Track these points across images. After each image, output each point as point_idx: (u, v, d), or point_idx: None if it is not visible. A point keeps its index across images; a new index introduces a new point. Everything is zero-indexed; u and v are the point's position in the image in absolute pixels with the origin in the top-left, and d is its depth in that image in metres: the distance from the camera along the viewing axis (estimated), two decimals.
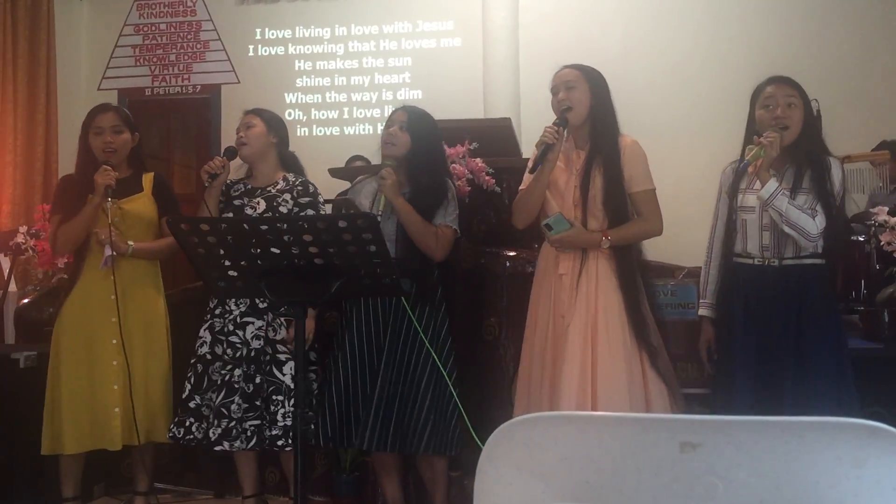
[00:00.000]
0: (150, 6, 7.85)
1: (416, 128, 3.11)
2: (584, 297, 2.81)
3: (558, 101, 2.91)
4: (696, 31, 6.87)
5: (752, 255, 2.81)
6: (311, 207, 3.22)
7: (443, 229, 3.07)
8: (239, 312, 3.18)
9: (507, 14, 6.93)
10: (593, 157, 2.90)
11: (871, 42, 6.60)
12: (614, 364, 2.75)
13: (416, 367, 2.99)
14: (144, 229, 3.33)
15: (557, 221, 2.81)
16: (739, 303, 2.81)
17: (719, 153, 3.12)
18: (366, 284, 2.37)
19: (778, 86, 2.80)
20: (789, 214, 2.67)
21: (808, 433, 0.98)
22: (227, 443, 3.12)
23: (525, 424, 1.06)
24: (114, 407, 3.19)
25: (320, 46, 7.63)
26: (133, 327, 3.25)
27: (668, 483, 1.01)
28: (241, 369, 3.14)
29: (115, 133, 3.30)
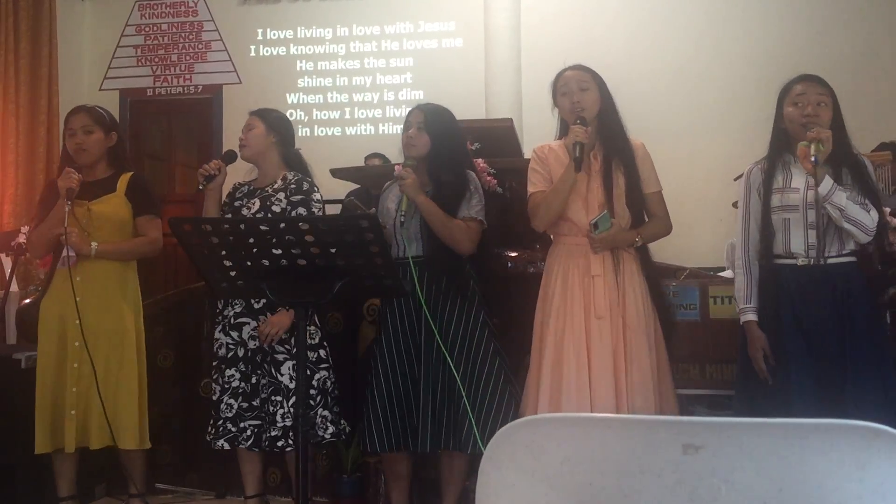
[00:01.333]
0: (152, 7, 7.86)
1: (433, 126, 3.10)
2: (613, 298, 2.83)
3: (572, 102, 2.91)
4: (699, 33, 6.88)
5: (796, 254, 2.75)
6: (301, 205, 3.18)
7: (467, 222, 3.06)
8: (233, 313, 3.18)
9: (508, 15, 6.93)
10: (611, 158, 2.91)
11: (872, 44, 6.61)
12: (643, 364, 2.78)
13: (455, 363, 2.97)
14: (114, 230, 3.29)
15: (603, 220, 2.82)
16: (787, 305, 2.73)
17: (722, 155, 3.13)
18: (367, 285, 2.37)
19: (809, 84, 2.78)
20: (849, 209, 2.64)
21: (810, 435, 0.98)
22: (214, 441, 3.15)
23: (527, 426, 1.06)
24: (70, 409, 3.16)
25: (322, 47, 7.64)
26: (97, 329, 3.20)
27: (671, 485, 1.01)
28: (233, 369, 3.15)
29: (86, 133, 3.29)
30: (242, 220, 2.91)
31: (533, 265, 3.38)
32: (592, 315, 2.81)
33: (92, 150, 3.30)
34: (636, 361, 2.78)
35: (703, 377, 3.14)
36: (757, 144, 2.94)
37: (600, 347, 2.78)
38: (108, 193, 3.30)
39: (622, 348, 2.78)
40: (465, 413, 2.93)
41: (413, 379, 3.02)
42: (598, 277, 2.84)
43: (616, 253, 2.87)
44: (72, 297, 3.14)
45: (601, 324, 2.80)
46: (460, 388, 2.94)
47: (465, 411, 2.93)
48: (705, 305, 3.16)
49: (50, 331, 3.25)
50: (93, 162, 3.32)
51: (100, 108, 3.46)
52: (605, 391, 2.74)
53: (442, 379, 2.98)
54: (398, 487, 3.19)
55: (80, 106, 3.44)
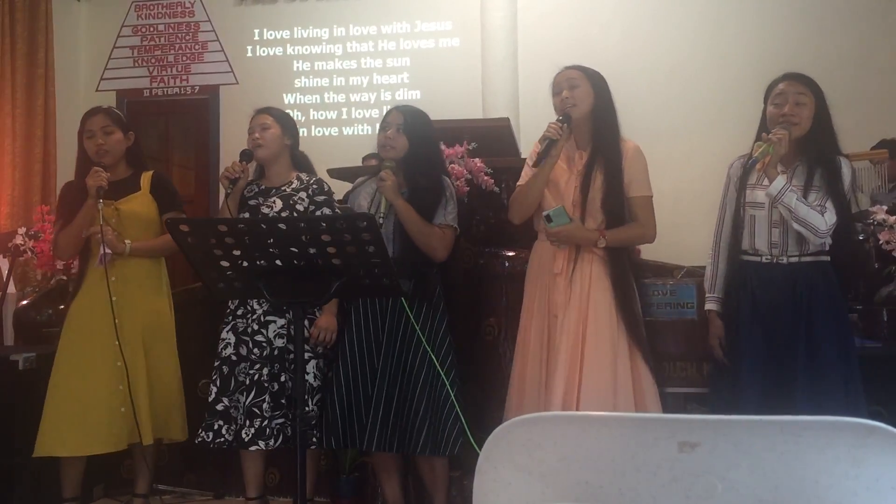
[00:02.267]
0: (149, 7, 7.85)
1: (412, 129, 3.11)
2: (577, 297, 2.83)
3: (561, 98, 2.91)
4: (696, 32, 6.88)
5: (761, 252, 2.80)
6: (326, 206, 3.24)
7: (444, 229, 3.07)
8: (262, 311, 3.18)
9: (505, 14, 6.93)
10: (595, 158, 2.91)
11: (870, 41, 6.61)
12: (600, 364, 2.76)
13: (413, 367, 2.99)
14: (143, 228, 3.33)
15: (558, 214, 2.81)
16: (747, 300, 2.80)
17: (718, 153, 3.13)
18: (365, 285, 2.37)
19: (790, 83, 2.80)
20: (798, 211, 2.67)
21: (806, 432, 0.98)
22: (262, 442, 3.11)
23: (524, 424, 1.06)
24: (119, 407, 3.19)
25: (319, 47, 7.63)
26: (136, 326, 3.26)
27: (667, 482, 1.01)
28: (268, 368, 3.15)
29: (106, 134, 3.31)
30: (240, 221, 2.91)
31: None
32: (552, 313, 2.84)
33: (114, 151, 3.34)
34: (592, 363, 2.75)
35: (700, 375, 3.15)
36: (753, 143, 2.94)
37: (556, 346, 2.79)
38: (133, 192, 3.35)
39: (580, 347, 2.77)
40: (415, 417, 2.96)
41: (372, 379, 3.04)
42: (558, 276, 2.86)
43: (577, 252, 2.86)
44: (106, 298, 3.16)
45: (559, 322, 2.81)
46: (421, 390, 2.97)
47: (423, 414, 2.96)
48: (702, 304, 3.16)
49: (82, 332, 3.26)
50: (114, 162, 3.35)
51: (114, 108, 3.49)
52: (559, 389, 2.74)
53: (399, 382, 3.00)
54: (390, 483, 3.21)
55: (96, 107, 3.46)
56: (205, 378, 3.47)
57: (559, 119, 2.87)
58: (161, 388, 3.30)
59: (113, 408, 3.19)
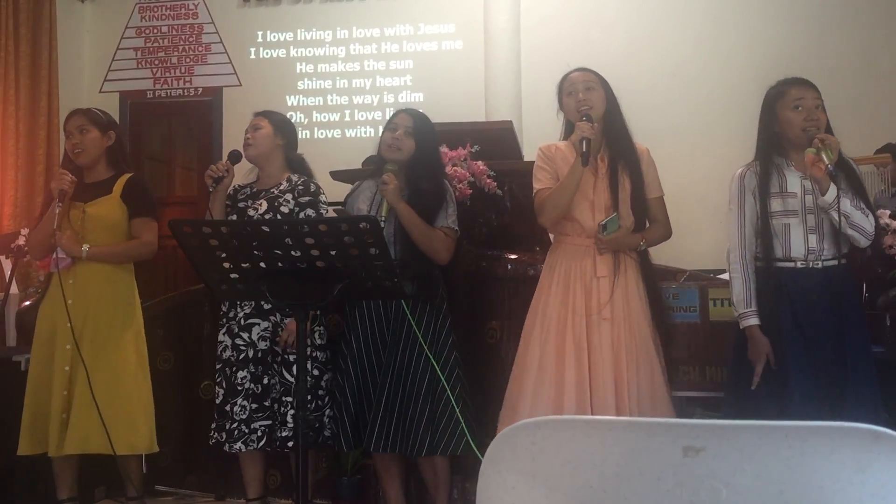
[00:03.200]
0: (152, 9, 7.86)
1: (420, 133, 3.12)
2: (621, 299, 2.84)
3: (577, 101, 2.90)
4: (698, 35, 6.88)
5: (796, 258, 2.75)
6: (310, 207, 3.21)
7: (446, 231, 3.08)
8: (243, 314, 3.18)
9: (508, 17, 6.93)
10: (617, 161, 2.92)
11: (873, 45, 6.61)
12: (646, 368, 2.79)
13: (415, 368, 3.00)
14: (107, 232, 3.27)
15: (612, 222, 2.84)
16: (786, 307, 2.73)
17: (721, 156, 3.12)
18: (367, 287, 2.37)
19: (804, 88, 2.79)
20: (853, 216, 2.65)
21: (811, 438, 0.98)
22: (229, 444, 3.13)
23: (528, 428, 1.06)
24: (60, 413, 3.13)
25: (322, 49, 7.64)
26: (92, 332, 3.19)
27: (672, 487, 1.00)
28: (245, 371, 3.14)
29: (81, 133, 3.28)
30: (243, 223, 2.91)
31: (532, 267, 3.38)
32: (595, 316, 2.82)
33: (89, 150, 3.30)
34: (640, 364, 2.79)
35: (703, 379, 3.14)
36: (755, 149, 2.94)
37: (601, 349, 2.78)
38: (104, 195, 3.29)
39: (623, 352, 2.78)
40: (429, 416, 2.96)
41: (375, 381, 3.04)
42: (603, 279, 2.85)
43: (618, 256, 2.87)
44: (62, 301, 3.13)
45: (603, 325, 2.81)
46: (426, 391, 2.97)
47: (429, 415, 2.96)
48: (705, 307, 3.16)
49: (43, 334, 3.25)
50: (92, 162, 3.32)
51: (97, 109, 3.45)
52: (606, 393, 2.74)
53: (405, 381, 3.00)
54: (392, 485, 3.22)
55: (75, 109, 3.44)
56: (206, 380, 3.48)
57: (583, 118, 2.85)
58: (114, 399, 3.16)
59: (56, 412, 3.13)
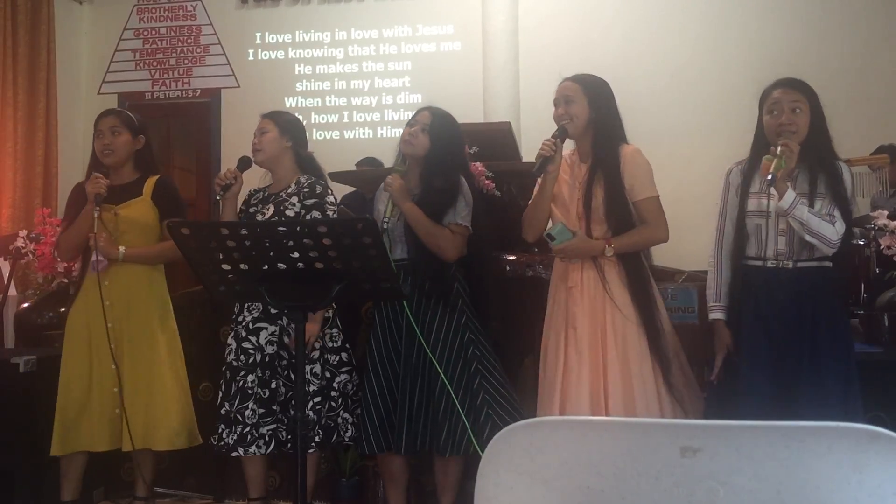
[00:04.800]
0: (151, 10, 7.86)
1: (437, 131, 3.11)
2: (590, 308, 2.81)
3: (558, 115, 2.93)
4: (697, 36, 6.89)
5: (767, 258, 2.77)
6: (316, 209, 3.20)
7: (453, 228, 3.06)
8: (251, 318, 3.18)
9: (506, 18, 6.94)
10: (595, 169, 2.90)
11: (871, 46, 6.62)
12: (625, 376, 2.76)
13: (427, 368, 2.99)
14: (140, 234, 3.32)
15: (559, 231, 2.80)
16: (750, 304, 2.77)
17: (720, 157, 3.12)
18: (366, 289, 2.37)
19: (784, 90, 2.77)
20: (810, 223, 2.64)
21: (808, 438, 0.98)
22: (242, 448, 3.12)
23: (526, 429, 1.06)
24: (114, 409, 3.21)
25: (320, 50, 7.64)
26: (129, 332, 3.25)
27: (669, 487, 1.01)
28: (254, 375, 3.14)
29: (113, 134, 3.32)
30: (240, 224, 2.91)
31: (531, 268, 3.38)
32: (571, 326, 2.83)
33: (119, 152, 3.34)
34: (613, 376, 2.75)
35: (701, 380, 3.14)
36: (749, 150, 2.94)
37: (577, 359, 2.79)
38: (134, 197, 3.34)
39: (600, 360, 2.77)
40: (443, 416, 2.96)
41: (399, 382, 3.04)
42: (573, 288, 2.85)
43: (598, 263, 2.85)
44: (100, 303, 3.19)
45: (577, 335, 2.81)
46: (439, 391, 2.96)
47: (442, 415, 2.96)
48: (703, 308, 3.15)
49: (78, 337, 3.28)
50: (119, 163, 3.36)
51: (129, 112, 3.50)
52: (581, 401, 2.73)
53: (421, 382, 3.00)
54: (395, 489, 3.21)
55: (109, 109, 3.50)
56: (205, 381, 3.48)
57: (553, 135, 2.87)
58: (153, 395, 3.25)
59: (109, 409, 3.22)
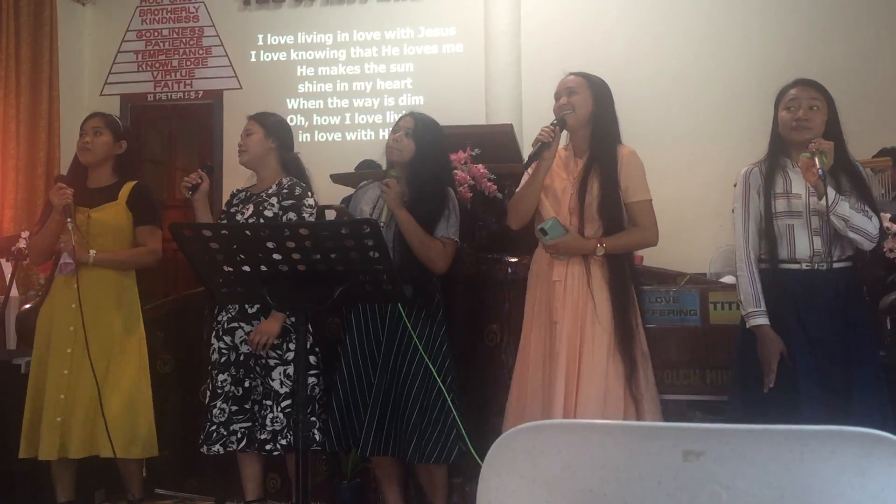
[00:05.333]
0: (153, 12, 7.87)
1: (421, 135, 3.11)
2: (573, 304, 2.82)
3: (559, 105, 2.92)
4: (699, 39, 6.89)
5: (801, 260, 2.74)
6: (292, 210, 3.18)
7: (445, 242, 3.06)
8: (227, 318, 3.19)
9: (508, 20, 6.94)
10: (591, 164, 2.90)
11: (873, 49, 6.62)
12: (595, 372, 2.76)
13: (409, 373, 2.99)
14: (112, 238, 3.29)
15: (552, 227, 2.79)
16: (790, 309, 2.72)
17: (722, 160, 3.12)
18: (367, 291, 2.37)
19: (802, 88, 2.79)
20: (854, 219, 2.64)
21: (811, 442, 0.98)
22: (207, 446, 3.15)
23: (528, 432, 1.06)
24: (56, 416, 3.15)
25: (322, 52, 7.65)
26: (93, 338, 3.17)
27: (672, 491, 1.00)
28: (226, 374, 3.16)
29: (94, 134, 3.32)
30: (243, 226, 2.91)
31: None
32: (552, 320, 2.83)
33: (96, 151, 3.33)
34: (587, 370, 2.76)
35: (704, 383, 3.14)
36: (757, 150, 2.94)
37: (556, 353, 2.79)
38: (109, 201, 3.32)
39: (576, 355, 2.78)
40: (408, 423, 2.96)
41: (370, 384, 3.05)
42: (558, 283, 2.85)
43: (585, 260, 2.85)
44: (65, 305, 3.19)
45: (559, 329, 2.81)
46: (413, 397, 2.97)
47: (412, 422, 2.96)
48: (705, 311, 3.15)
49: (42, 337, 3.28)
50: (96, 163, 3.35)
51: (116, 117, 3.49)
52: (555, 398, 2.74)
53: (395, 387, 3.00)
54: (391, 490, 3.22)
55: (96, 112, 3.49)
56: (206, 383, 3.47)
57: (553, 122, 2.87)
58: (113, 402, 3.19)
59: (52, 416, 3.15)
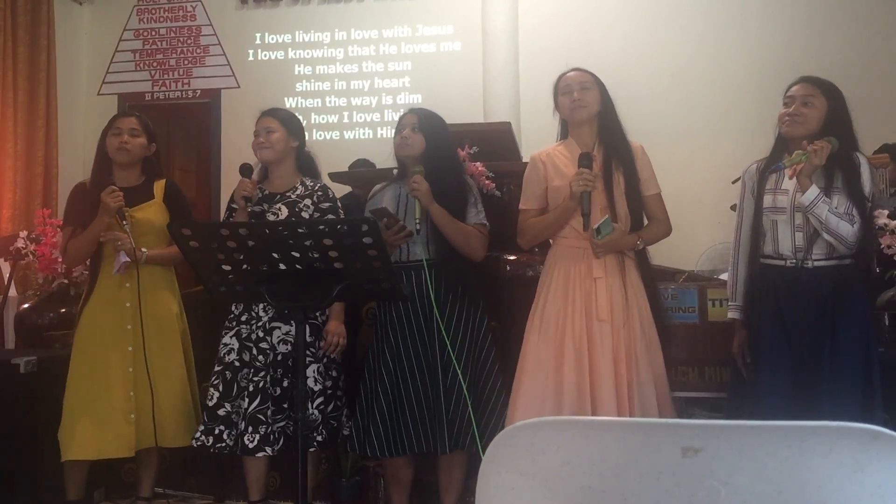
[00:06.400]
0: (151, 11, 7.87)
1: (427, 128, 3.13)
2: (615, 301, 2.81)
3: (572, 99, 2.91)
4: (698, 37, 6.89)
5: (784, 256, 2.78)
6: (331, 213, 3.24)
7: (480, 228, 3.09)
8: (267, 318, 3.18)
9: (506, 18, 6.94)
10: (610, 160, 2.90)
11: (872, 47, 6.62)
12: (645, 369, 2.78)
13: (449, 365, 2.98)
14: (156, 236, 3.34)
15: (605, 225, 2.77)
16: (769, 305, 2.77)
17: (720, 158, 3.13)
18: (366, 289, 2.37)
19: (801, 85, 2.82)
20: (829, 222, 2.65)
21: (809, 438, 0.98)
22: (269, 448, 3.10)
23: (527, 429, 1.06)
24: (130, 413, 3.21)
25: (320, 51, 7.64)
26: (149, 334, 3.25)
27: (670, 488, 1.01)
28: (270, 374, 3.15)
29: (132, 136, 3.35)
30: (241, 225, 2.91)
31: (531, 268, 3.38)
32: (594, 318, 2.80)
33: (133, 153, 3.36)
34: (640, 366, 2.77)
35: (702, 380, 3.15)
36: (755, 147, 2.95)
37: (602, 351, 2.77)
38: (146, 200, 3.37)
39: (623, 353, 2.77)
40: (469, 416, 2.94)
41: (416, 382, 3.03)
42: (600, 280, 2.82)
43: (620, 256, 2.86)
44: (118, 304, 3.25)
45: (602, 327, 2.79)
46: (465, 391, 2.94)
47: (469, 414, 2.94)
48: (704, 308, 3.16)
49: (95, 337, 3.27)
50: (130, 164, 3.38)
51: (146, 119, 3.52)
52: (607, 395, 2.73)
53: (445, 382, 2.99)
54: (398, 491, 3.20)
55: (130, 111, 3.56)
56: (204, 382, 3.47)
57: (582, 164, 2.79)
58: (170, 394, 3.30)
59: (124, 413, 3.21)
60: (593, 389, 2.74)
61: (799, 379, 2.66)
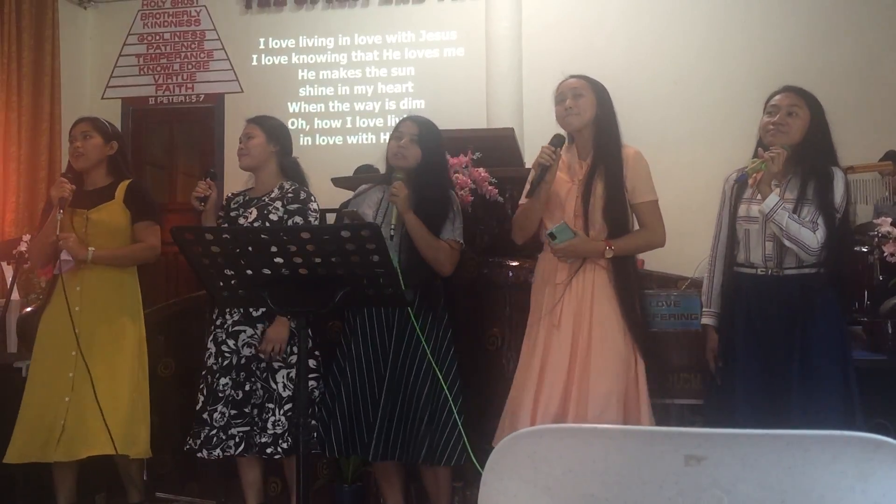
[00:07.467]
0: (155, 15, 7.88)
1: (426, 141, 3.12)
2: (578, 308, 2.80)
3: (565, 108, 2.91)
4: (700, 43, 6.89)
5: (755, 264, 2.81)
6: (298, 214, 3.21)
7: (451, 244, 3.08)
8: (232, 321, 3.19)
9: (510, 24, 6.94)
10: (596, 167, 2.90)
11: (876, 53, 6.61)
12: (607, 376, 2.73)
13: (417, 377, 3.00)
14: (110, 237, 3.31)
15: (561, 230, 2.79)
16: (741, 312, 2.80)
17: (723, 164, 3.12)
18: (369, 294, 2.37)
19: (785, 95, 2.83)
20: (789, 229, 2.66)
21: (812, 447, 0.98)
22: (206, 451, 3.13)
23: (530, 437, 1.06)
24: (60, 419, 3.14)
25: (323, 56, 7.65)
26: (96, 337, 3.20)
27: (673, 496, 1.00)
28: (227, 378, 3.15)
29: (84, 139, 3.33)
30: (245, 229, 2.92)
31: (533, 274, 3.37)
32: (553, 324, 2.81)
33: (89, 155, 3.34)
34: (595, 375, 2.72)
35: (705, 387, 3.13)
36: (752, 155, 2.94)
37: (556, 357, 2.77)
38: (106, 201, 3.33)
39: (577, 360, 2.75)
40: (418, 426, 2.97)
41: (377, 388, 3.04)
42: (559, 286, 2.84)
43: (585, 263, 2.84)
44: (71, 307, 3.17)
45: (559, 333, 2.79)
46: (422, 402, 2.97)
47: (418, 425, 2.97)
48: None
49: (46, 340, 3.27)
50: (90, 167, 3.36)
51: (104, 119, 3.50)
52: (551, 400, 2.73)
53: (403, 392, 3.01)
54: (392, 492, 3.23)
55: (83, 116, 3.50)
56: None
57: (551, 142, 2.85)
58: (115, 400, 3.18)
59: (56, 418, 3.14)
60: (539, 397, 2.75)
61: (768, 388, 2.69)
